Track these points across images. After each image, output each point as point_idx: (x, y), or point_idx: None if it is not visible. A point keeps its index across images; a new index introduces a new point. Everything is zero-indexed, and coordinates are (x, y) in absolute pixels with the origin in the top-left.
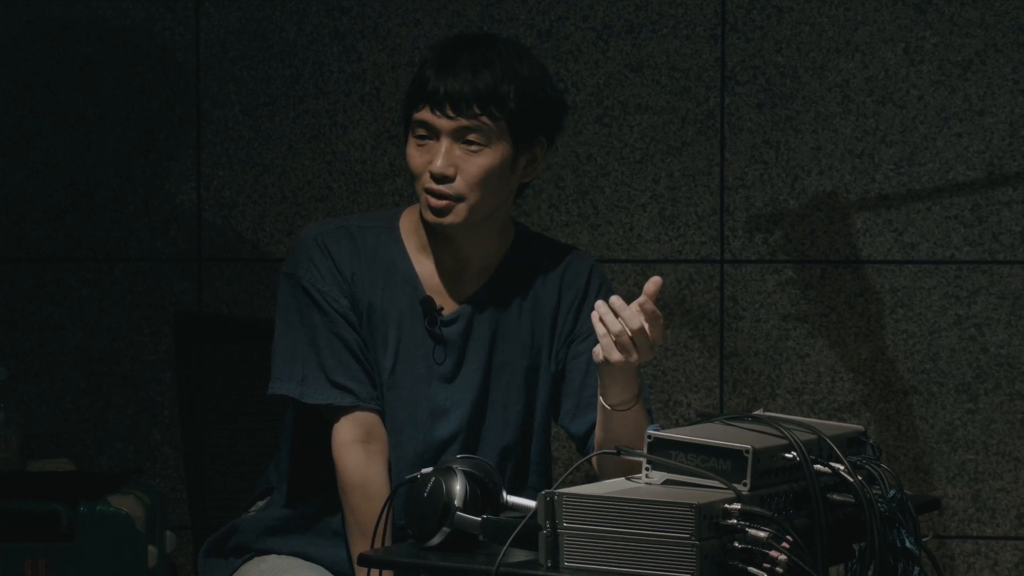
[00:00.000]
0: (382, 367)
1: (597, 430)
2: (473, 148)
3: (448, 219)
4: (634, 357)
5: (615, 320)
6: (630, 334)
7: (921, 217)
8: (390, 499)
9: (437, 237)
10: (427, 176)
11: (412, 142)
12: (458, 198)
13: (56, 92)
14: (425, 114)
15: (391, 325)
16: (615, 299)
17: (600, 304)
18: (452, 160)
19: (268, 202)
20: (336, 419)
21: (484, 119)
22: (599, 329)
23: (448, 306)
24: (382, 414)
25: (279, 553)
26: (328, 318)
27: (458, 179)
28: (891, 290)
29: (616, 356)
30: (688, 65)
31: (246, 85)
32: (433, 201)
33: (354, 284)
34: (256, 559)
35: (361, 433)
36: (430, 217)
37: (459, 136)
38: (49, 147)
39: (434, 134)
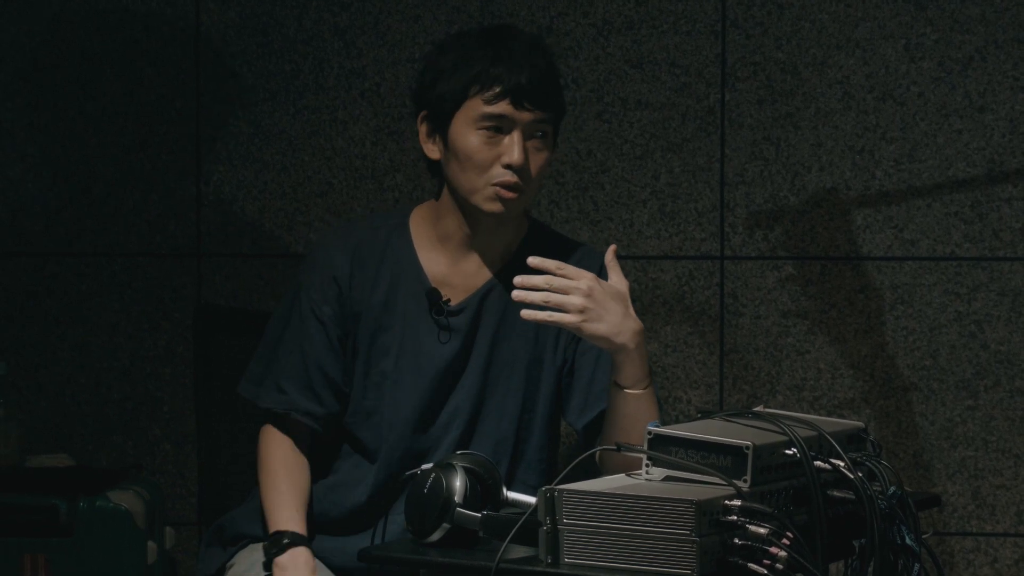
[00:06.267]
0: (382, 362)
1: (608, 417)
2: (541, 142)
3: (510, 210)
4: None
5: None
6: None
7: (921, 214)
8: (394, 498)
9: (456, 229)
10: (498, 169)
11: (479, 135)
12: (522, 191)
13: (55, 86)
14: (504, 107)
15: (397, 319)
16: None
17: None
18: (526, 153)
19: (267, 198)
20: (272, 420)
21: (551, 113)
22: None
23: (456, 297)
24: (314, 432)
25: None
26: (304, 324)
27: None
28: (891, 287)
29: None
30: (688, 61)
31: (246, 80)
32: (506, 193)
33: (352, 289)
34: (250, 547)
35: (287, 439)
36: (496, 208)
37: (531, 130)
38: (48, 141)
39: (507, 127)
